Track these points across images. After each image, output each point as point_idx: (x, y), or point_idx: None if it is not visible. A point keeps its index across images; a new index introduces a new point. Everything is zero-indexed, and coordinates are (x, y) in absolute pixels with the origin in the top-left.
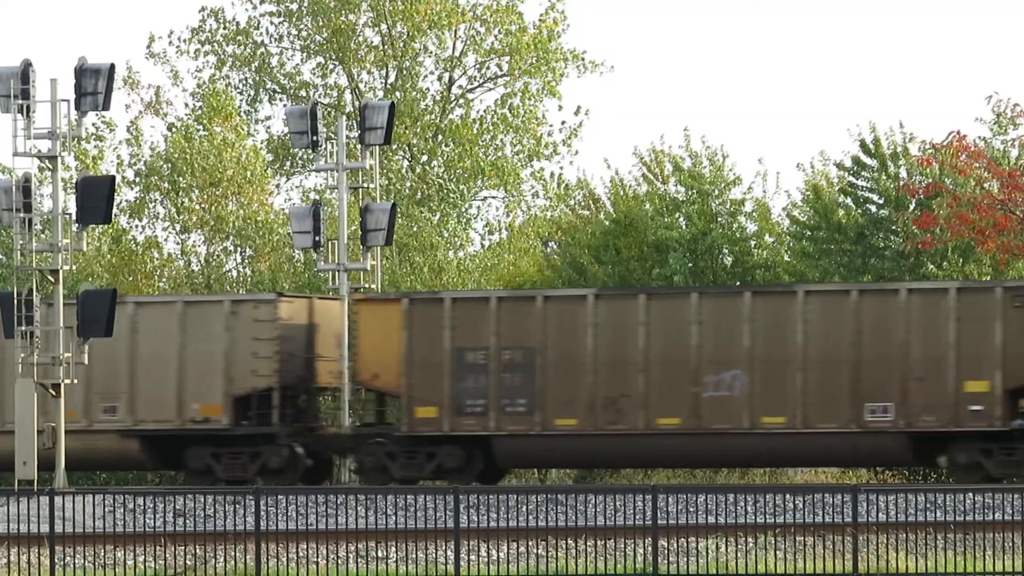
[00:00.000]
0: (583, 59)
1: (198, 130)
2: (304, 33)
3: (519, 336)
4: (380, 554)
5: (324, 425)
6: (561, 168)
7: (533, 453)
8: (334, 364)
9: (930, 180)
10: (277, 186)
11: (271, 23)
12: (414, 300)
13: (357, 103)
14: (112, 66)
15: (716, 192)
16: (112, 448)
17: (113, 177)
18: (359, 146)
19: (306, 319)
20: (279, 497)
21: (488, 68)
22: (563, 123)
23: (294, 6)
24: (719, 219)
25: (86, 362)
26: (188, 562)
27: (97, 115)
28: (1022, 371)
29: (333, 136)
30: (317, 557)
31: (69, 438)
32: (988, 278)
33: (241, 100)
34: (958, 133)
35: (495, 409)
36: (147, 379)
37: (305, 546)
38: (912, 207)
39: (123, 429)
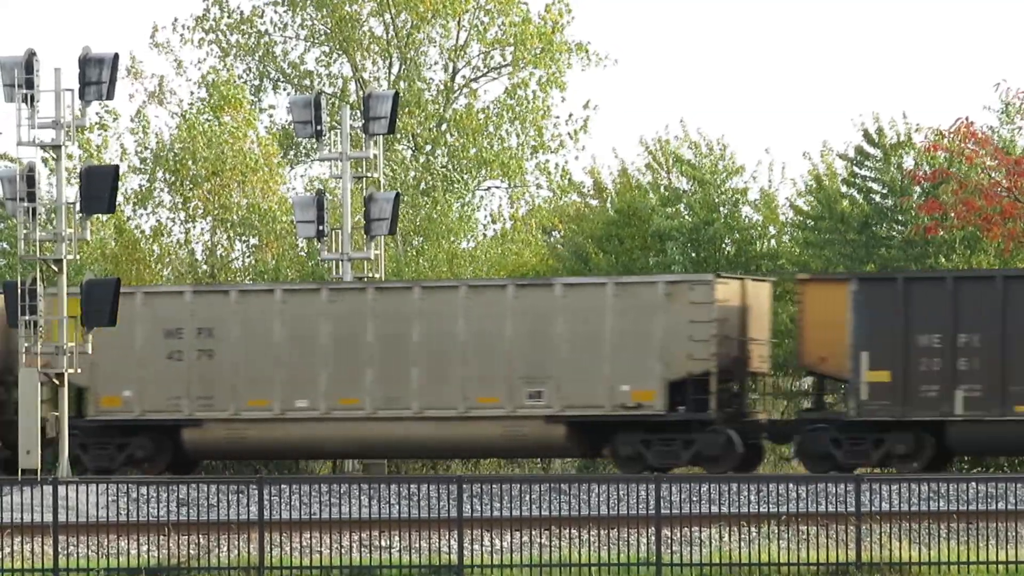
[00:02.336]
0: (587, 51)
1: (207, 119)
2: (308, 22)
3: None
4: (383, 543)
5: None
6: (566, 161)
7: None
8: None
9: (935, 167)
10: (291, 167)
11: (275, 12)
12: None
13: (361, 93)
14: (116, 56)
15: (717, 182)
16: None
17: (117, 167)
18: (363, 135)
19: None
20: (282, 487)
21: (492, 58)
22: (570, 115)
23: None
24: (721, 209)
25: (89, 352)
26: (192, 552)
27: (101, 105)
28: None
29: (337, 125)
30: (320, 546)
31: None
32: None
33: (246, 89)
34: (966, 119)
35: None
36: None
37: (308, 535)
38: (917, 194)
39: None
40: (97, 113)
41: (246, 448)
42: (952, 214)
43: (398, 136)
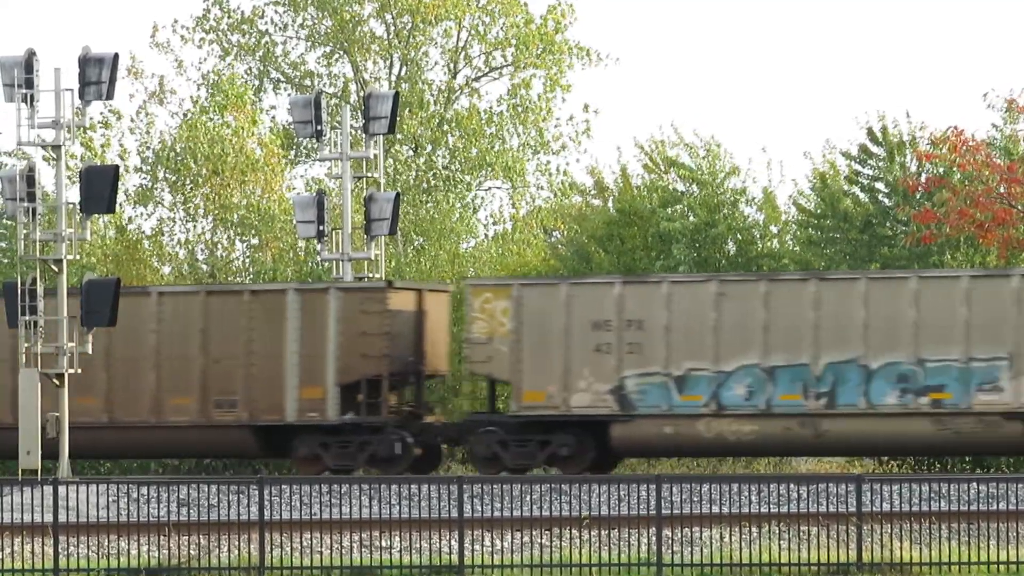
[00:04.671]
0: (587, 51)
1: (210, 119)
2: (309, 22)
3: None
4: (384, 544)
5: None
6: (567, 164)
7: None
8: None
9: (930, 175)
10: (291, 167)
11: (276, 12)
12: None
13: (362, 93)
14: (116, 55)
15: (715, 183)
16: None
17: (117, 167)
18: (363, 136)
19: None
20: (283, 487)
21: (493, 58)
22: (571, 118)
23: None
24: (722, 210)
25: (89, 352)
26: (192, 552)
27: (105, 104)
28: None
29: (337, 125)
30: (321, 547)
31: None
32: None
33: (249, 89)
34: (955, 128)
35: None
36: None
37: (309, 536)
38: (919, 196)
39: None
40: (101, 112)
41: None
42: (946, 224)
43: (399, 136)
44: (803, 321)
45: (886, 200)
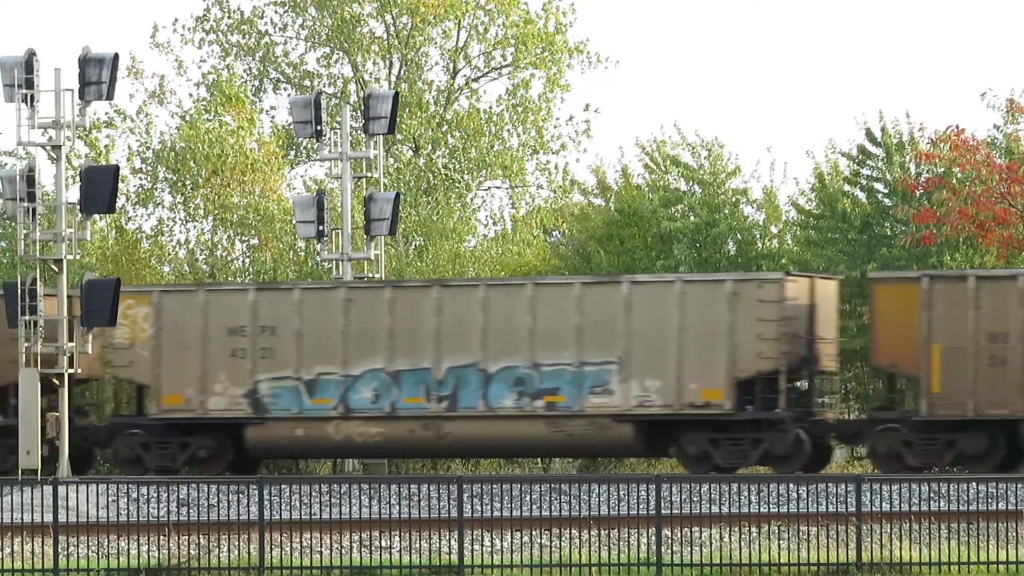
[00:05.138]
0: (586, 51)
1: (208, 119)
2: (309, 23)
3: None
4: (384, 544)
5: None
6: (567, 163)
7: None
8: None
9: (929, 175)
10: (291, 167)
11: (276, 12)
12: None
13: (361, 93)
14: (116, 55)
15: (716, 183)
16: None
17: (117, 167)
18: (363, 136)
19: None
20: (282, 487)
21: (493, 58)
22: (571, 118)
23: None
24: (723, 210)
25: (89, 352)
26: (192, 552)
27: (111, 104)
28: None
29: (337, 126)
30: (321, 547)
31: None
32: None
33: (248, 88)
34: (956, 127)
35: None
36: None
37: (309, 535)
38: (918, 196)
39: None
40: (107, 112)
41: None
42: (946, 224)
43: (399, 137)
44: (426, 327)
45: (885, 200)
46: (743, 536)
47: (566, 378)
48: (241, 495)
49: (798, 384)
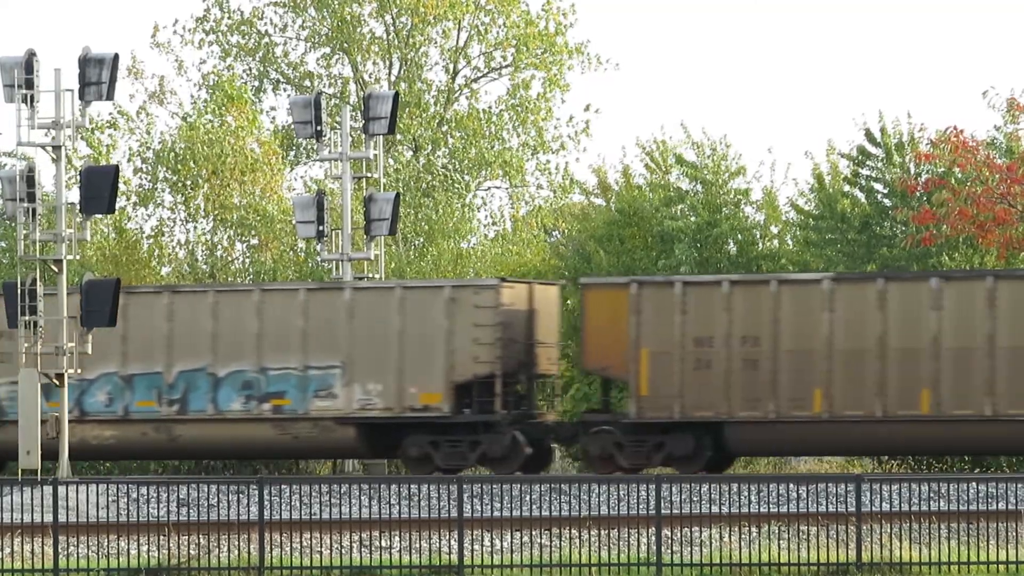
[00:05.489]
0: (586, 53)
1: (209, 120)
2: (309, 23)
3: None
4: (384, 544)
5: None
6: (567, 164)
7: None
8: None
9: (929, 176)
10: (291, 168)
11: (275, 13)
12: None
13: (361, 93)
14: (116, 56)
15: (719, 183)
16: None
17: (117, 167)
18: (363, 136)
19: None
20: (283, 487)
21: (493, 58)
22: (571, 118)
23: None
24: (724, 209)
25: (89, 352)
26: (192, 552)
27: (113, 105)
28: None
29: (337, 126)
30: (321, 547)
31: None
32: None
33: (242, 88)
34: (955, 128)
35: None
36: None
37: (309, 535)
38: (918, 197)
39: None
40: (110, 113)
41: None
42: (945, 224)
43: (398, 137)
44: (158, 332)
45: (885, 201)
46: (743, 536)
47: (292, 382)
48: (241, 495)
49: (517, 387)
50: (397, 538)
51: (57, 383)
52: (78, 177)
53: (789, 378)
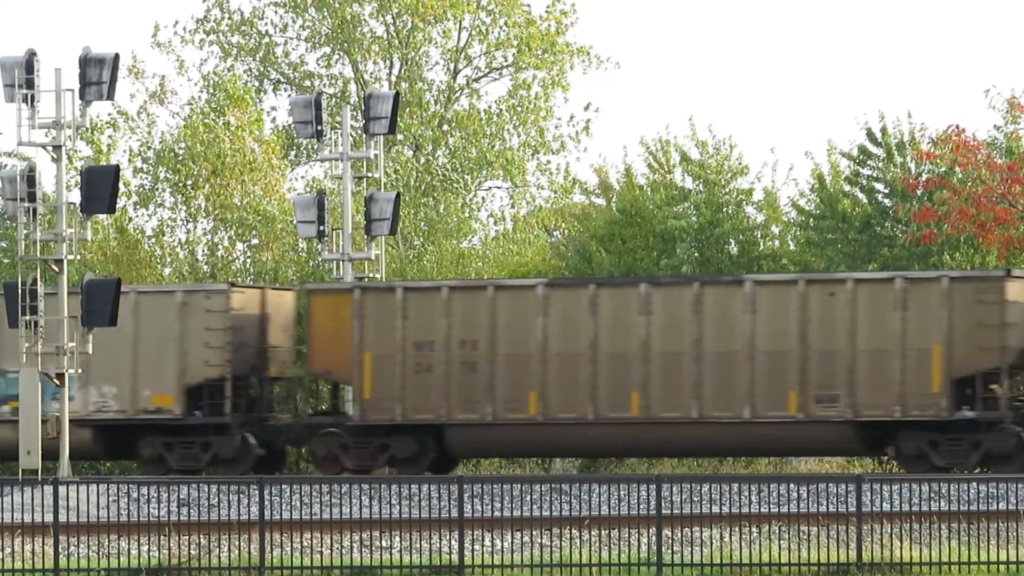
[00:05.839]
0: (588, 54)
1: (209, 120)
2: (309, 23)
3: None
4: (384, 543)
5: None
6: (567, 164)
7: None
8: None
9: (929, 175)
10: (291, 169)
11: (276, 13)
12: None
13: (362, 93)
14: (116, 56)
15: (722, 182)
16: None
17: (117, 167)
18: (364, 136)
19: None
20: (283, 487)
21: (494, 58)
22: (571, 117)
23: None
24: (726, 209)
25: (90, 352)
26: (192, 552)
27: (113, 105)
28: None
29: (338, 126)
30: (321, 547)
31: None
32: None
33: (245, 90)
34: (956, 127)
35: None
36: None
37: (309, 535)
38: (919, 195)
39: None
40: (109, 113)
41: None
42: (946, 224)
43: (399, 137)
44: None
45: (885, 200)
46: (743, 536)
47: None
48: (241, 495)
49: (249, 390)
50: (397, 538)
51: (57, 382)
52: (79, 177)
53: (505, 381)
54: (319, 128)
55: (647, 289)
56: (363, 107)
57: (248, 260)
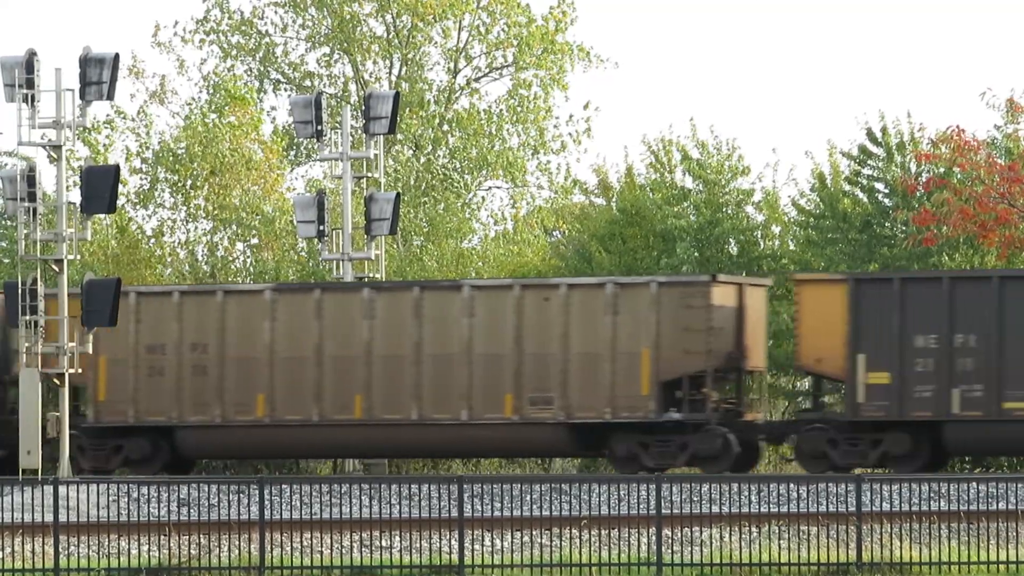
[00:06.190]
0: (588, 53)
1: (209, 120)
2: (309, 23)
3: None
4: (384, 543)
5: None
6: (568, 164)
7: None
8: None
9: (930, 175)
10: (291, 169)
11: (275, 13)
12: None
13: (362, 93)
14: (116, 55)
15: (723, 181)
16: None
17: (117, 166)
18: (364, 136)
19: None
20: (283, 486)
21: (494, 58)
22: (571, 116)
23: None
24: (726, 209)
25: (90, 352)
26: (192, 552)
27: (113, 106)
28: None
29: (338, 126)
30: (321, 546)
31: None
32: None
33: (247, 90)
34: (957, 127)
35: None
36: None
37: (309, 535)
38: (919, 196)
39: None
40: (108, 113)
41: None
42: (946, 225)
43: (399, 137)
44: None
45: (886, 200)
46: (743, 536)
47: None
48: (241, 495)
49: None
50: (397, 538)
51: (57, 382)
52: (78, 177)
53: (234, 384)
54: (319, 128)
55: (369, 294)
56: (363, 107)
57: (248, 260)
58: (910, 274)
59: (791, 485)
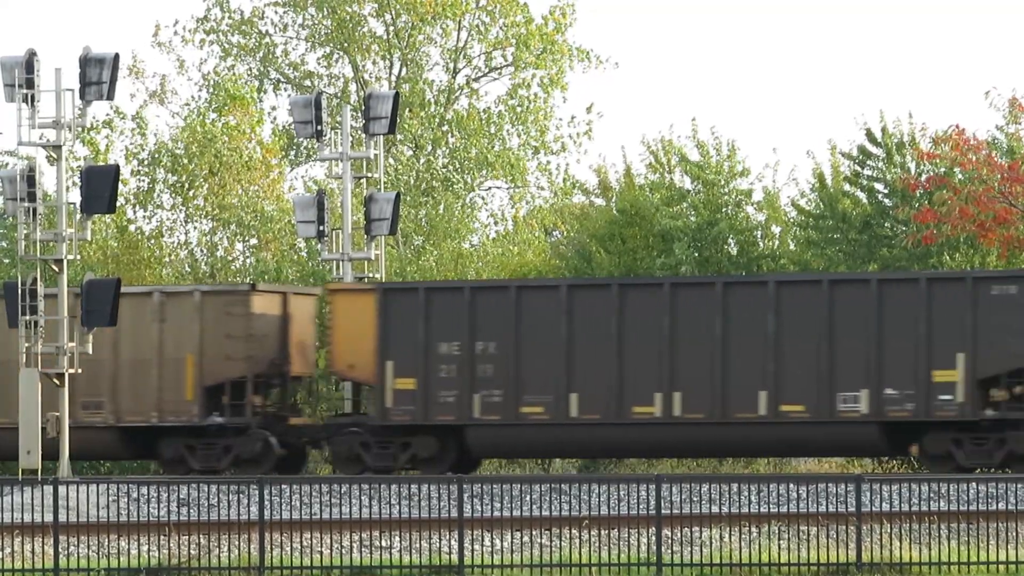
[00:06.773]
0: (587, 54)
1: (209, 120)
2: (309, 23)
3: None
4: (384, 543)
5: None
6: (567, 164)
7: None
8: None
9: (931, 174)
10: (291, 169)
11: (276, 12)
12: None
13: (362, 93)
14: (116, 55)
15: (722, 182)
16: None
17: (117, 166)
18: (364, 136)
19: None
20: (283, 486)
21: (493, 58)
22: (572, 118)
23: None
24: (725, 209)
25: (90, 352)
26: (192, 552)
27: (111, 105)
28: None
29: (338, 126)
30: (321, 547)
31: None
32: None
33: (247, 90)
34: (957, 127)
35: None
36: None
37: (309, 535)
38: (919, 196)
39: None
40: (107, 113)
41: None
42: (947, 223)
43: (399, 137)
44: None
45: (886, 200)
46: (743, 536)
47: None
48: (241, 495)
49: None
50: (397, 538)
51: (57, 382)
52: (78, 177)
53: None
54: (319, 128)
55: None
56: (363, 107)
57: (248, 260)
58: (434, 284)
59: (791, 485)
